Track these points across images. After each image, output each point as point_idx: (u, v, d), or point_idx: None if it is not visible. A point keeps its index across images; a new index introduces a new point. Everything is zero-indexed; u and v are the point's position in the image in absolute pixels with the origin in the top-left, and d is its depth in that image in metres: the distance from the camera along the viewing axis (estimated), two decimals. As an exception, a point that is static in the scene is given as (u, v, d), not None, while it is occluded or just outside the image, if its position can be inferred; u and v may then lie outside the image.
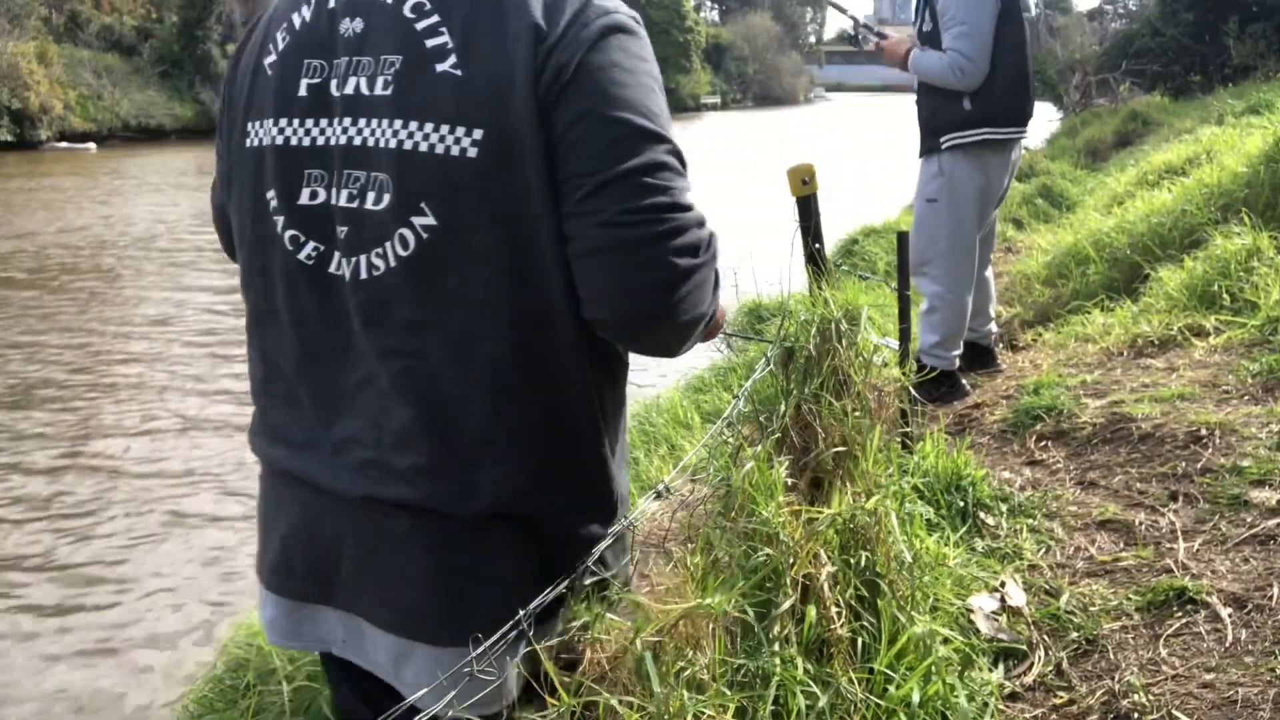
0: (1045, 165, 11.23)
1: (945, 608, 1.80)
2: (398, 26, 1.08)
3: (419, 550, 1.13)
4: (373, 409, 1.13)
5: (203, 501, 5.09)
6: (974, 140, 3.59)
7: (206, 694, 2.84)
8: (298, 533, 1.21)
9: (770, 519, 1.49)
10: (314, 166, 1.13)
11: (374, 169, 1.08)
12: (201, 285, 10.63)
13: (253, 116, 1.18)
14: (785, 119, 39.67)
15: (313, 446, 1.18)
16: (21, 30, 30.43)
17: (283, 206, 1.16)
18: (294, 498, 1.21)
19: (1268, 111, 7.54)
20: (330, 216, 1.13)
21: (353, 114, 1.10)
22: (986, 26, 3.49)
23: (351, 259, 1.11)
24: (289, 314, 1.18)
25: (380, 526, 1.14)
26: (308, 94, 1.13)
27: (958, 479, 2.44)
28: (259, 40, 1.20)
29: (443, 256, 1.08)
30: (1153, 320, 3.73)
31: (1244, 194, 4.50)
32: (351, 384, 1.15)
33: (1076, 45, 20.58)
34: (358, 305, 1.12)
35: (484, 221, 1.07)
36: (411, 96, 1.06)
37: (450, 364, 1.10)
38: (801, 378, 1.88)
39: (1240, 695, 1.62)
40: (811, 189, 2.40)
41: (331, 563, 1.18)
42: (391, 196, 1.07)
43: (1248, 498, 2.26)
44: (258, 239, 1.20)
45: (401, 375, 1.11)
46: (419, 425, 1.11)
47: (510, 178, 1.05)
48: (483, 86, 1.04)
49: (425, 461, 1.11)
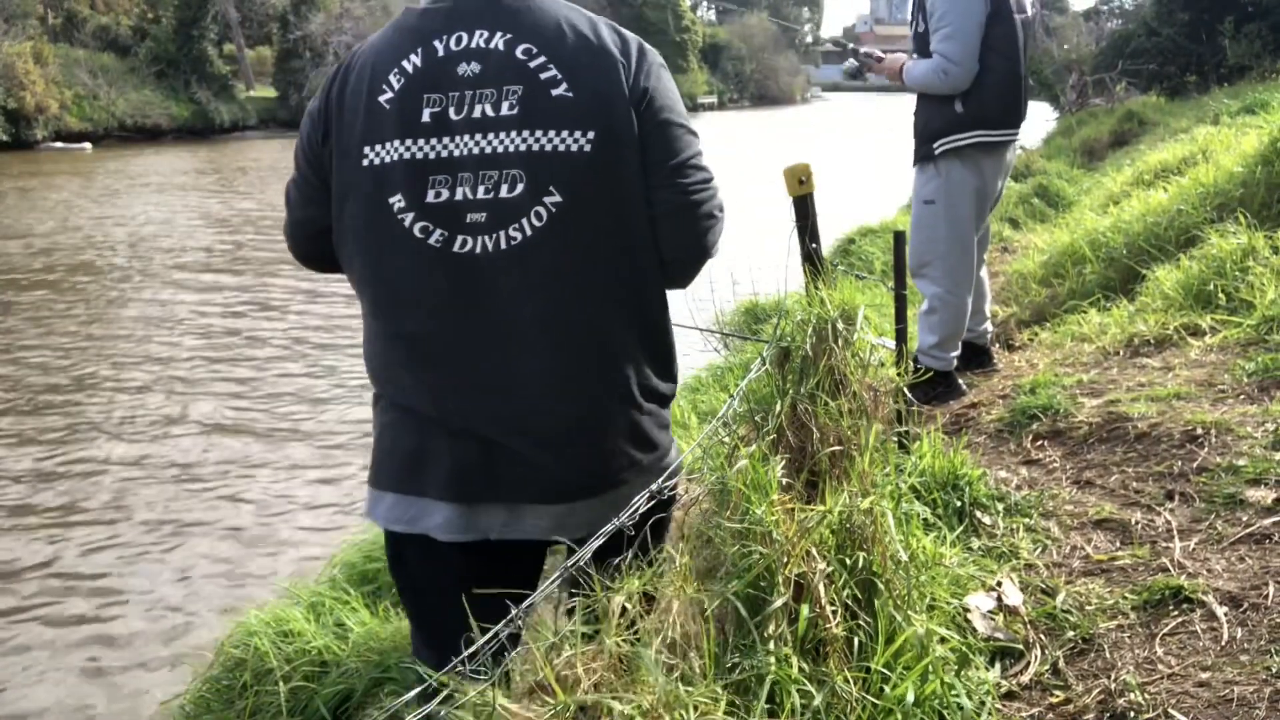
0: (1041, 165, 11.25)
1: (942, 607, 1.80)
2: (513, 65, 1.52)
3: (578, 439, 1.56)
4: (507, 346, 1.53)
5: (199, 503, 5.08)
6: (967, 143, 3.60)
7: (203, 694, 2.84)
8: (460, 456, 1.55)
9: (764, 517, 1.49)
10: (438, 173, 1.51)
11: (506, 167, 1.49)
12: (199, 284, 10.62)
13: (370, 140, 1.53)
14: (782, 119, 39.69)
15: (469, 391, 1.55)
16: (19, 30, 30.37)
17: (411, 205, 1.51)
18: (447, 432, 1.56)
19: (1263, 111, 7.54)
20: (456, 209, 1.51)
21: (481, 130, 1.50)
22: (973, 28, 3.48)
23: (492, 234, 1.50)
24: (419, 289, 1.54)
25: (556, 434, 1.55)
26: (430, 120, 1.51)
27: (954, 478, 2.44)
28: (366, 82, 1.55)
29: (568, 222, 1.51)
30: (1149, 320, 3.73)
31: (1240, 194, 4.50)
32: (491, 334, 1.53)
33: (1072, 45, 20.59)
34: (499, 270, 1.51)
35: (597, 194, 1.53)
36: (535, 113, 1.50)
37: (577, 293, 1.54)
38: (798, 377, 1.88)
39: (1236, 694, 1.62)
40: (808, 189, 2.41)
41: (491, 472, 1.55)
42: (524, 185, 1.49)
43: (1243, 497, 2.26)
44: (381, 236, 1.54)
45: (541, 310, 1.52)
46: (559, 344, 1.54)
47: (615, 163, 1.53)
48: (591, 102, 1.52)
49: (565, 369, 1.54)
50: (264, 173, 23.00)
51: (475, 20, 1.54)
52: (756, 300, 6.32)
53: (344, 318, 9.21)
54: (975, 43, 3.50)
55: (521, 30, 1.53)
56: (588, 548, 1.26)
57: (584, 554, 1.27)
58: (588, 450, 1.58)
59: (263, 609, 3.04)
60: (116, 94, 32.54)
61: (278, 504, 5.04)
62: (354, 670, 2.63)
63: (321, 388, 7.05)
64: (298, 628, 2.83)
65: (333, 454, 5.72)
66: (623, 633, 1.23)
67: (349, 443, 5.90)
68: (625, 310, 1.60)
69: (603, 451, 1.59)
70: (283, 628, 2.85)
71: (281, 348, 8.18)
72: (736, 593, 1.43)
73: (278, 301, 9.89)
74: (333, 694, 2.61)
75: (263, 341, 8.38)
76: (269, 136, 35.67)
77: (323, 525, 4.76)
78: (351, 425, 6.20)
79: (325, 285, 10.56)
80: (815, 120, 45.01)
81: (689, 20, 62.84)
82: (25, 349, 8.04)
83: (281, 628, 2.85)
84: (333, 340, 8.40)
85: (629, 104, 1.53)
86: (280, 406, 6.62)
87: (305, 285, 10.54)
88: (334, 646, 2.74)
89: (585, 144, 1.50)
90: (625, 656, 1.20)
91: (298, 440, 5.96)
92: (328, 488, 5.24)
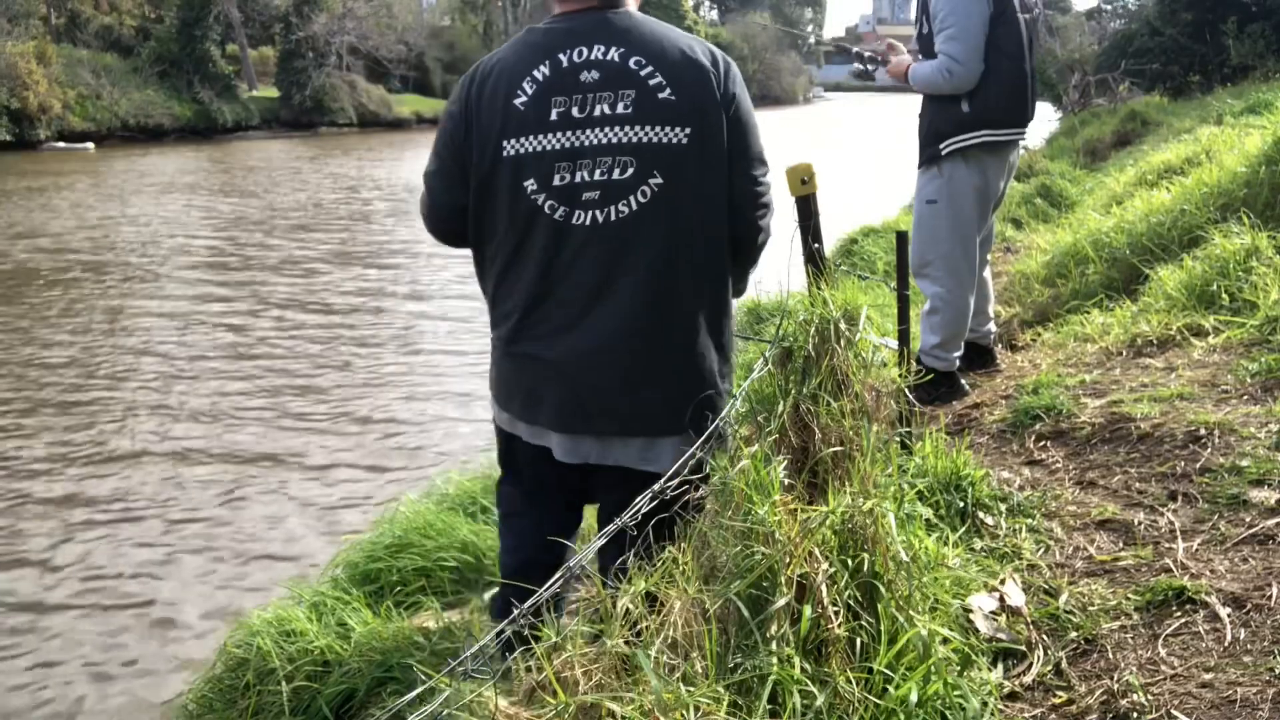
0: (1044, 165, 11.23)
1: (944, 608, 1.80)
2: (627, 73, 1.88)
3: (677, 381, 1.93)
4: (602, 304, 1.88)
5: (201, 501, 5.08)
6: (973, 143, 3.59)
7: (206, 693, 2.84)
8: (574, 394, 1.92)
9: (766, 517, 1.49)
10: (562, 160, 1.87)
11: (618, 155, 1.87)
12: (204, 283, 10.63)
13: (508, 135, 1.89)
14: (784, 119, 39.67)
15: (575, 337, 1.91)
16: (22, 30, 30.40)
17: (542, 188, 1.88)
18: (556, 374, 1.93)
19: (1266, 111, 7.53)
20: (575, 190, 1.87)
21: (600, 125, 1.87)
22: (976, 28, 3.48)
23: (603, 209, 1.88)
24: (542, 253, 1.91)
25: (643, 378, 1.91)
26: (557, 118, 1.88)
27: (957, 479, 2.44)
28: (504, 88, 1.90)
29: (666, 200, 1.88)
30: (1152, 320, 3.73)
31: (1243, 194, 4.49)
32: (596, 291, 1.89)
33: (1075, 45, 20.57)
34: (605, 239, 1.88)
35: (691, 178, 1.89)
36: (645, 112, 1.88)
37: (665, 264, 1.90)
38: (800, 378, 1.88)
39: (1239, 695, 1.61)
40: (810, 189, 2.40)
41: (584, 409, 1.93)
42: (635, 169, 1.87)
43: (1246, 497, 2.26)
44: (520, 210, 1.90)
45: (633, 275, 1.88)
46: (650, 303, 1.89)
47: (706, 154, 1.90)
48: (688, 104, 1.89)
49: (671, 320, 1.92)
50: (274, 172, 23.02)
51: (592, 36, 1.90)
52: (759, 300, 6.31)
53: (345, 318, 9.22)
54: (979, 43, 3.50)
55: (632, 45, 1.89)
56: (590, 548, 1.26)
57: (586, 554, 1.27)
58: (669, 393, 1.92)
59: (265, 608, 3.04)
60: (119, 94, 32.56)
61: (280, 503, 5.04)
62: (356, 670, 2.63)
63: (325, 386, 7.05)
64: (300, 627, 2.83)
65: (335, 453, 5.73)
66: (625, 633, 1.23)
67: (352, 442, 5.91)
68: (701, 282, 1.95)
69: (680, 396, 1.91)
70: (285, 627, 2.85)
71: (283, 348, 8.18)
72: (739, 593, 1.43)
73: (282, 302, 9.90)
74: (335, 694, 2.61)
75: (265, 341, 8.39)
76: (272, 136, 35.72)
77: (325, 525, 4.77)
78: (354, 424, 6.21)
79: (327, 285, 10.57)
80: (818, 120, 44.98)
81: (691, 20, 62.81)
82: (34, 345, 8.06)
83: (284, 627, 2.85)
84: (335, 340, 8.41)
85: (720, 106, 1.90)
86: (283, 405, 6.63)
87: (309, 285, 10.55)
88: (336, 646, 2.74)
89: (683, 137, 1.87)
90: (627, 657, 1.20)
91: (300, 439, 5.97)
92: (330, 487, 5.25)
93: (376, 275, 11.26)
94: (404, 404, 6.63)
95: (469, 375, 7.17)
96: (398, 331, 8.79)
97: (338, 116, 39.86)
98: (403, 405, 6.59)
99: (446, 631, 2.72)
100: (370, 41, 42.30)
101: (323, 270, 11.38)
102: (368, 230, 14.73)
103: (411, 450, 5.78)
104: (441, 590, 3.19)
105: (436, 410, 6.49)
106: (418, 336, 8.60)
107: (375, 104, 42.02)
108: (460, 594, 3.18)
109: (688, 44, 1.94)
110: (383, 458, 5.66)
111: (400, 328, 8.92)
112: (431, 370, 7.49)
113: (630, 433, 1.94)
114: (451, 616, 2.90)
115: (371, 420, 6.30)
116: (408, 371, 7.45)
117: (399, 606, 3.06)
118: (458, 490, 3.76)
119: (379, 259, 12.35)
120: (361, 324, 9.02)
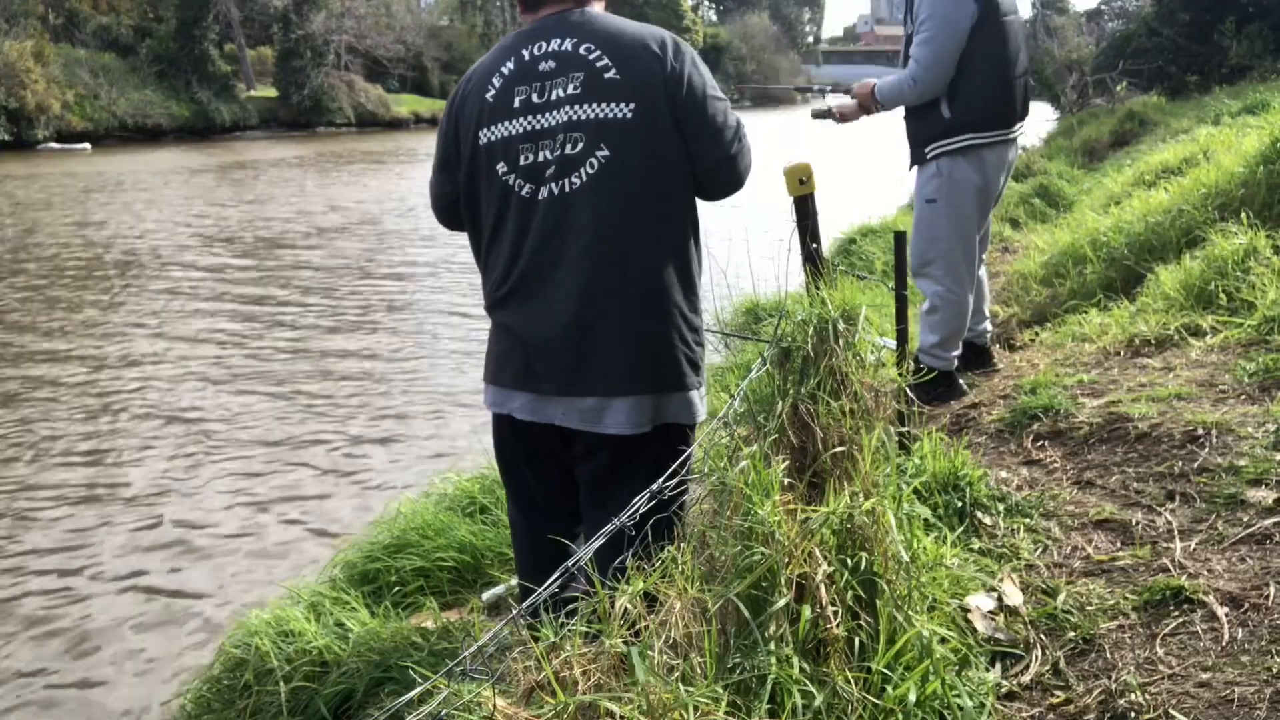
0: (1042, 165, 11.25)
1: (943, 607, 1.80)
2: (577, 58, 2.04)
3: (629, 342, 2.01)
4: (562, 270, 2.00)
5: (200, 501, 5.08)
6: (958, 147, 3.60)
7: (204, 693, 2.84)
8: (531, 357, 2.05)
9: (765, 518, 1.49)
10: (525, 143, 2.04)
11: (573, 131, 2.01)
12: (195, 282, 10.62)
13: (483, 125, 2.08)
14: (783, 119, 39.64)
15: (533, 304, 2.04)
16: (20, 29, 30.37)
17: (511, 168, 2.05)
18: (518, 338, 2.07)
19: (1264, 111, 7.55)
20: (538, 168, 2.02)
21: (556, 107, 2.03)
22: (950, 34, 3.48)
23: (558, 182, 2.01)
24: (514, 228, 2.06)
25: (591, 339, 2.00)
26: (520, 105, 2.06)
27: (955, 479, 2.44)
28: (478, 85, 2.12)
29: (611, 171, 2.00)
30: (1150, 320, 3.73)
31: (1241, 194, 4.50)
32: (553, 259, 2.02)
33: (1073, 45, 20.57)
34: (560, 209, 2.01)
35: (635, 148, 2.01)
36: (594, 91, 2.01)
37: (619, 226, 2.00)
38: (799, 378, 1.88)
39: (1237, 694, 1.62)
40: (809, 189, 2.41)
41: (549, 368, 2.03)
42: (584, 143, 2.00)
43: (1244, 497, 2.26)
44: (495, 191, 2.08)
45: (589, 242, 1.99)
46: (600, 266, 1.99)
47: (651, 126, 2.01)
48: (634, 82, 2.01)
49: (619, 283, 2.00)
50: (282, 171, 22.95)
51: (552, 32, 2.09)
52: (757, 300, 6.31)
53: (345, 317, 9.21)
54: (949, 48, 3.49)
55: (584, 35, 2.06)
56: (588, 548, 1.26)
57: (585, 553, 1.27)
58: (621, 354, 2.00)
59: (263, 609, 3.04)
60: (117, 94, 32.56)
61: (278, 503, 5.04)
62: (355, 670, 2.64)
63: (324, 385, 7.05)
64: (298, 627, 2.83)
65: (334, 453, 5.72)
66: (624, 633, 1.23)
67: (350, 442, 5.90)
68: (658, 245, 2.05)
69: (634, 357, 2.00)
70: (283, 627, 2.85)
71: (281, 349, 8.18)
72: (738, 593, 1.43)
73: (281, 302, 9.89)
74: (333, 694, 2.61)
75: (263, 341, 8.39)
76: (270, 136, 35.70)
77: (323, 525, 4.76)
78: (353, 424, 6.20)
79: (328, 285, 10.57)
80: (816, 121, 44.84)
81: (690, 20, 62.80)
82: (18, 346, 8.05)
83: (282, 627, 2.85)
84: (336, 338, 8.41)
85: (664, 81, 2.02)
86: (283, 404, 6.62)
87: (309, 285, 10.55)
88: (334, 646, 2.74)
89: (628, 112, 2.00)
90: (626, 657, 1.20)
91: (298, 438, 5.96)
92: (329, 487, 5.24)
93: (376, 277, 11.27)
94: (403, 404, 6.62)
95: (468, 375, 7.16)
96: (398, 331, 8.78)
97: (335, 116, 39.87)
98: (402, 405, 6.59)
99: (445, 631, 2.72)
100: (368, 41, 42.32)
101: (320, 271, 11.38)
102: (368, 231, 14.73)
103: (411, 450, 5.78)
104: (440, 590, 3.19)
105: (436, 410, 6.49)
106: (418, 336, 8.59)
107: (373, 104, 42.04)
108: (458, 594, 3.18)
109: (638, 31, 2.10)
110: (381, 458, 5.66)
111: (400, 328, 8.91)
112: (431, 370, 7.49)
113: (580, 391, 2.03)
114: (450, 617, 2.90)
115: (371, 420, 6.30)
116: (407, 372, 7.45)
117: (397, 607, 3.06)
118: (456, 490, 3.75)
119: (378, 261, 12.35)
120: (362, 324, 9.02)
